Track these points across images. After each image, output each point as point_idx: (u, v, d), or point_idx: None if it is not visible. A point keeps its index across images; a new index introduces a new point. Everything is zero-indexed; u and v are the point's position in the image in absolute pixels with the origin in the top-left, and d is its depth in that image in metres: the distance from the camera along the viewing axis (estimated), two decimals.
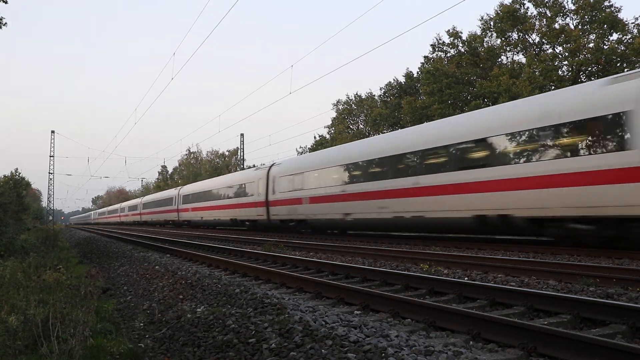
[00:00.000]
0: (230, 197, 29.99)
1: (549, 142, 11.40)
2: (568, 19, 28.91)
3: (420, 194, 14.68)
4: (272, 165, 25.84)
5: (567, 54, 27.95)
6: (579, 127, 10.80)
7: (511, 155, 12.23)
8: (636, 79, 10.14)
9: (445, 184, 13.83)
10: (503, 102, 22.76)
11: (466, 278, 7.32)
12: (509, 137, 12.32)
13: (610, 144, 10.29)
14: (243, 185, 28.41)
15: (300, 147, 53.65)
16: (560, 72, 27.96)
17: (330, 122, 49.78)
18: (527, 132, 11.96)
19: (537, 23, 29.64)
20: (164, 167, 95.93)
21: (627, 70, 23.46)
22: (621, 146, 10.07)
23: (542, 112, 11.65)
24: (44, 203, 71.23)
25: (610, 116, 10.20)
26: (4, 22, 12.11)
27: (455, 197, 13.49)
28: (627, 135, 9.92)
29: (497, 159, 12.55)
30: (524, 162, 11.87)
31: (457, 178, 13.46)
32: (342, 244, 15.21)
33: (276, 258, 10.65)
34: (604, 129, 10.35)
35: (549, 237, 12.16)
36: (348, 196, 18.23)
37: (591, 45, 27.48)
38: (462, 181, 13.33)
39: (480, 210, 12.82)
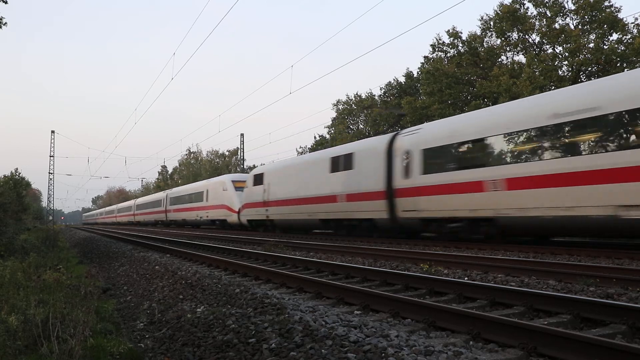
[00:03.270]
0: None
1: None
2: (568, 19, 28.90)
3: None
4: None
5: (567, 54, 27.93)
6: None
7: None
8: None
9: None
10: (503, 102, 22.76)
11: (466, 278, 7.32)
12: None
13: None
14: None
15: (300, 147, 53.67)
16: (560, 72, 27.95)
17: (330, 122, 49.79)
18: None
19: (537, 23, 29.62)
20: (164, 167, 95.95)
21: (627, 70, 23.45)
22: None
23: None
24: (44, 203, 71.29)
25: None
26: (4, 22, 12.10)
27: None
28: None
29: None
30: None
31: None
32: (342, 244, 15.21)
33: (276, 258, 10.65)
34: None
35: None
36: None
37: (591, 45, 27.46)
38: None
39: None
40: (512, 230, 12.81)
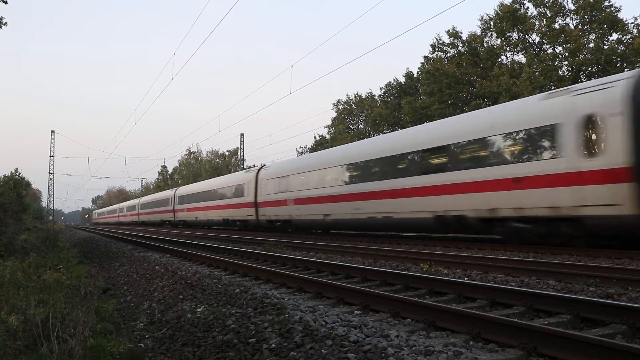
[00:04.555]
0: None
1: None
2: (568, 19, 28.91)
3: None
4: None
5: (567, 54, 27.94)
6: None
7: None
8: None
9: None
10: (503, 102, 22.75)
11: (466, 278, 7.32)
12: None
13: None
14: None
15: (300, 147, 53.68)
16: (560, 72, 27.96)
17: (330, 122, 49.80)
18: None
19: (537, 23, 29.62)
20: (164, 167, 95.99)
21: (627, 70, 23.47)
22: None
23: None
24: (44, 203, 71.27)
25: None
26: (4, 22, 12.10)
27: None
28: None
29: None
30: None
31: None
32: (342, 244, 15.21)
33: (276, 258, 10.65)
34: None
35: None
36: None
37: (591, 45, 27.47)
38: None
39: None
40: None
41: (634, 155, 9.84)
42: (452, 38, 32.80)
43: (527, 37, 30.75)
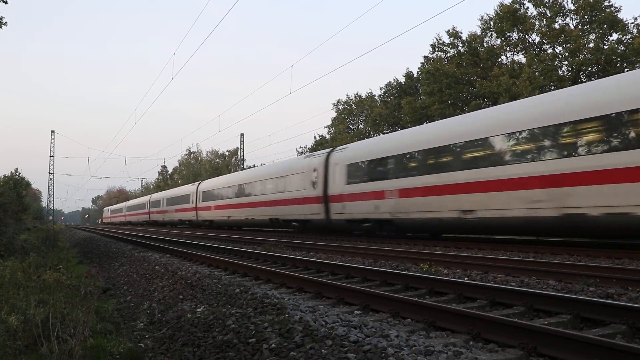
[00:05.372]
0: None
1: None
2: (568, 19, 28.92)
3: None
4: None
5: (567, 54, 27.95)
6: None
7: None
8: None
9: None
10: (503, 102, 22.75)
11: (466, 278, 7.32)
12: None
13: None
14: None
15: (300, 147, 53.70)
16: (560, 72, 27.96)
17: (330, 122, 49.80)
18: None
19: (537, 23, 29.63)
20: (164, 167, 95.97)
21: (627, 70, 23.46)
22: None
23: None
24: (44, 203, 71.26)
25: None
26: (4, 22, 12.09)
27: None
28: None
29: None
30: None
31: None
32: (342, 244, 15.21)
33: (276, 258, 10.65)
34: None
35: None
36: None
37: (591, 45, 27.47)
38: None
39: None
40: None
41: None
42: (452, 38, 32.80)
43: (527, 37, 30.75)
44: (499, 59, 32.14)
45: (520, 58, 31.22)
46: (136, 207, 61.57)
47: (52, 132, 61.17)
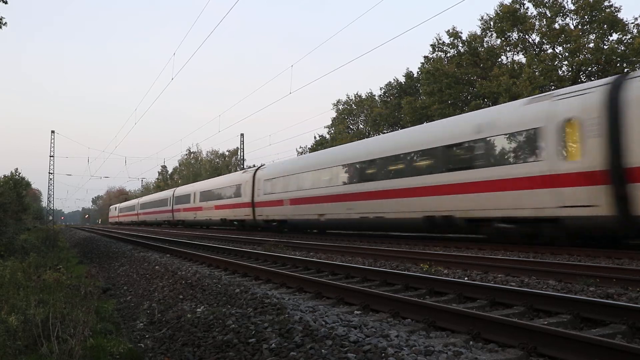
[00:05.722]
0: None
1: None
2: (568, 19, 28.91)
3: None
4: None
5: (567, 54, 27.94)
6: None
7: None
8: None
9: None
10: (503, 102, 22.76)
11: (466, 278, 7.32)
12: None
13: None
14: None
15: (300, 147, 53.69)
16: (560, 72, 27.95)
17: (330, 122, 49.80)
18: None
19: (537, 23, 29.62)
20: (164, 167, 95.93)
21: (627, 70, 23.48)
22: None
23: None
24: (44, 203, 71.25)
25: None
26: (4, 22, 12.09)
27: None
28: None
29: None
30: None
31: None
32: (342, 244, 15.21)
33: (276, 258, 10.65)
34: None
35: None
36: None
37: (591, 45, 27.47)
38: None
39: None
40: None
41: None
42: (452, 38, 32.80)
43: (527, 37, 30.74)
44: (499, 59, 32.13)
45: (520, 58, 31.24)
46: (154, 203, 51.26)
47: (52, 132, 61.19)
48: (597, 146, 10.49)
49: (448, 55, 33.49)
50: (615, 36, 27.36)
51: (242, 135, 57.53)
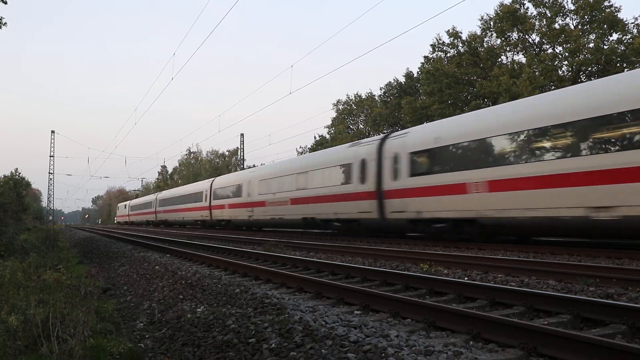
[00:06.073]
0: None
1: None
2: (568, 19, 28.91)
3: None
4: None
5: (567, 54, 27.94)
6: None
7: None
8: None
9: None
10: (503, 102, 22.76)
11: (466, 278, 7.32)
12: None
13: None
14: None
15: (300, 147, 53.69)
16: (560, 72, 27.96)
17: (330, 122, 49.81)
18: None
19: (537, 23, 29.63)
20: (164, 167, 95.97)
21: (627, 70, 23.46)
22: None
23: None
24: (44, 203, 71.26)
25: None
26: (3, 22, 12.08)
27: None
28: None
29: None
30: None
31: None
32: (342, 244, 15.21)
33: (276, 258, 10.65)
34: None
35: None
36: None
37: (591, 45, 27.47)
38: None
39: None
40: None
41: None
42: (452, 38, 32.81)
43: (527, 37, 30.75)
44: (499, 59, 32.14)
45: (520, 58, 31.26)
46: (180, 199, 40.14)
47: (52, 132, 61.23)
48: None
49: (448, 55, 33.50)
50: (615, 36, 27.38)
51: (242, 135, 57.59)
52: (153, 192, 64.70)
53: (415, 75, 40.55)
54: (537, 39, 30.22)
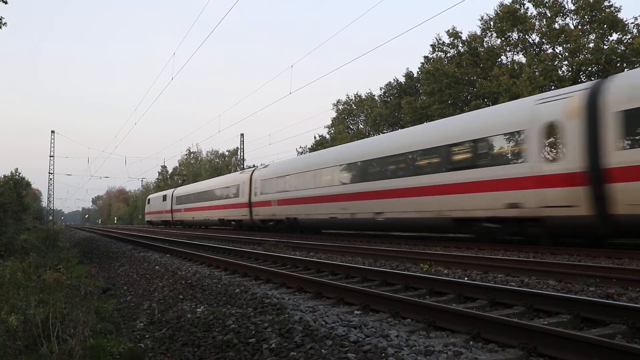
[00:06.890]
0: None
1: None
2: (568, 19, 28.90)
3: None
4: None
5: (567, 54, 27.93)
6: None
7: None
8: None
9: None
10: (503, 102, 22.76)
11: (466, 278, 7.32)
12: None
13: None
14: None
15: (300, 147, 53.69)
16: (560, 72, 27.94)
17: (330, 122, 49.80)
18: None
19: (537, 23, 29.61)
20: (164, 167, 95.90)
21: (627, 70, 23.46)
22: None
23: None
24: (44, 203, 71.26)
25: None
26: (3, 22, 12.08)
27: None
28: None
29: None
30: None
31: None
32: (342, 244, 15.21)
33: (276, 258, 10.65)
34: None
35: None
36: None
37: (591, 45, 27.45)
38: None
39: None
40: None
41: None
42: (452, 38, 32.80)
43: (527, 37, 30.74)
44: (499, 59, 32.13)
45: (520, 58, 31.24)
46: (223, 192, 32.09)
47: (52, 132, 61.24)
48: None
49: (448, 55, 33.48)
50: (615, 36, 27.36)
51: (242, 135, 57.60)
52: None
53: (415, 75, 40.54)
54: (537, 39, 30.22)
